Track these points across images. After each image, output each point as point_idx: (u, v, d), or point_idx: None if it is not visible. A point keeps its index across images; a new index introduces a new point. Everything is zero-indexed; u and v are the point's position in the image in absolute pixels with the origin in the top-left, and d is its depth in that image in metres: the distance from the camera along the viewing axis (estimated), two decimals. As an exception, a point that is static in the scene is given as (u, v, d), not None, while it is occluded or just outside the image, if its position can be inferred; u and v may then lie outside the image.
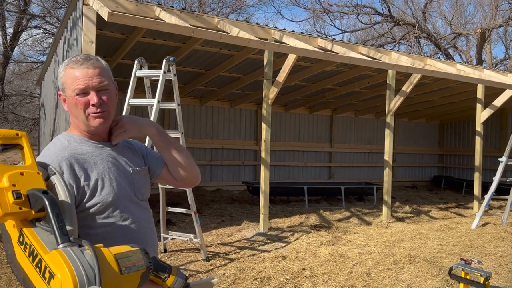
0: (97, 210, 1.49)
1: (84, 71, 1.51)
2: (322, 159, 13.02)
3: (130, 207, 1.59)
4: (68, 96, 1.52)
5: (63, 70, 1.54)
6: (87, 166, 1.50)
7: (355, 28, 20.96)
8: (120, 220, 1.54)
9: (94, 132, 1.57)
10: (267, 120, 6.65)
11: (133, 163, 1.68)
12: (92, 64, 1.53)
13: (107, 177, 1.53)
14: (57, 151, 1.49)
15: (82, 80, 1.50)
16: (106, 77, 1.56)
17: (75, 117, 1.54)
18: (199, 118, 10.98)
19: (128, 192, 1.59)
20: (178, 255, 5.56)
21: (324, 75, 9.36)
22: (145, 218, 1.65)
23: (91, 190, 1.48)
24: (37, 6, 16.20)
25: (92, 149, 1.56)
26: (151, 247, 1.65)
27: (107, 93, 1.55)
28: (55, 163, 1.43)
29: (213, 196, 10.06)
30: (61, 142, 1.54)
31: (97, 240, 1.48)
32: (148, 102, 4.78)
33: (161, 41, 7.10)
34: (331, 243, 6.05)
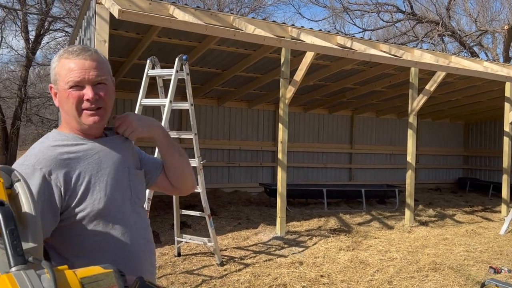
0: (87, 216, 1.33)
1: (80, 63, 1.35)
2: (342, 161, 12.72)
3: (125, 214, 1.42)
4: (60, 88, 1.37)
5: (57, 60, 1.39)
6: (77, 167, 1.34)
7: (376, 26, 20.55)
8: (112, 229, 1.37)
9: (87, 131, 1.41)
10: (284, 120, 6.45)
11: (132, 164, 1.51)
12: (90, 55, 1.37)
13: (100, 180, 1.37)
14: (43, 150, 1.33)
15: (77, 72, 1.34)
16: (104, 71, 1.40)
17: (66, 113, 1.38)
18: (217, 119, 10.85)
19: (123, 197, 1.42)
20: (192, 259, 5.41)
21: (344, 74, 9.10)
22: (141, 227, 1.48)
23: (81, 194, 1.32)
24: (58, 8, 16.39)
25: (85, 148, 1.39)
26: (145, 259, 1.48)
27: (105, 89, 1.39)
28: (39, 164, 1.28)
29: (231, 198, 9.91)
30: (48, 141, 1.37)
31: (86, 250, 1.32)
32: (160, 102, 4.64)
33: (177, 41, 6.98)
34: (351, 248, 5.81)
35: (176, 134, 5.11)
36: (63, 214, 1.30)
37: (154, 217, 7.66)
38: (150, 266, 1.52)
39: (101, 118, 1.40)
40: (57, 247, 1.33)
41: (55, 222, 1.29)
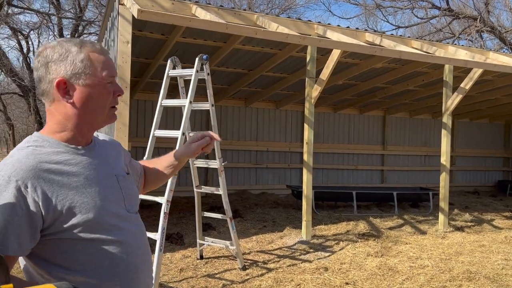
0: (76, 229, 1.21)
1: (108, 58, 1.32)
2: (374, 162, 12.36)
3: (118, 224, 1.30)
4: (90, 83, 1.25)
5: (80, 53, 1.25)
6: (61, 178, 1.21)
7: (410, 23, 19.91)
8: (105, 241, 1.26)
9: (96, 128, 1.35)
10: (310, 120, 6.26)
11: (118, 170, 1.41)
12: (108, 52, 1.35)
13: (88, 190, 1.25)
14: (21, 159, 1.19)
15: (112, 69, 1.30)
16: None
17: (93, 110, 1.28)
18: (244, 120, 10.75)
19: (114, 206, 1.31)
20: (214, 262, 5.32)
21: (374, 72, 8.80)
22: (136, 236, 1.37)
23: (67, 209, 1.19)
24: (92, 12, 16.79)
25: (70, 156, 1.27)
26: (143, 271, 1.37)
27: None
28: (16, 175, 1.15)
29: (258, 199, 9.78)
30: (30, 147, 1.24)
31: (77, 265, 1.22)
32: (180, 102, 4.57)
33: (202, 41, 6.92)
34: (379, 254, 5.55)
35: (197, 135, 5.02)
36: (49, 228, 1.19)
37: (180, 219, 7.63)
38: (147, 278, 1.41)
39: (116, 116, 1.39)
40: (53, 261, 1.23)
41: (35, 239, 1.18)
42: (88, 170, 1.28)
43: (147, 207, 7.71)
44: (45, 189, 1.17)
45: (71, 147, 1.29)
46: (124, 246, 1.30)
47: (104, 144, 1.45)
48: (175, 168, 1.71)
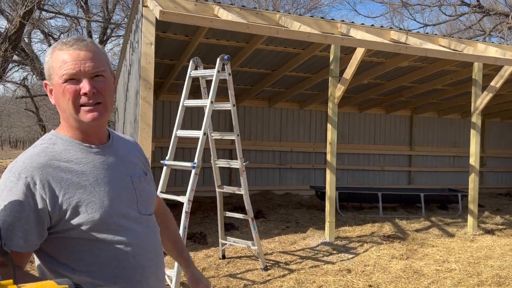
0: (82, 229, 1.21)
1: (75, 53, 1.23)
2: (400, 163, 12.11)
3: (127, 225, 1.28)
4: (55, 84, 1.25)
5: (50, 53, 1.26)
6: (70, 176, 1.21)
7: (438, 21, 19.43)
8: (111, 242, 1.25)
9: (87, 130, 1.28)
10: (333, 120, 6.19)
11: (134, 171, 1.39)
12: (86, 45, 1.25)
13: (97, 190, 1.24)
14: (32, 156, 1.21)
15: (72, 63, 1.22)
16: (102, 62, 1.27)
17: (63, 111, 1.26)
18: (268, 120, 10.73)
19: (124, 207, 1.29)
20: (236, 262, 5.32)
21: (401, 71, 8.62)
22: (147, 238, 1.34)
23: (73, 207, 1.19)
24: (118, 15, 17.13)
25: (82, 154, 1.27)
26: (152, 274, 1.34)
27: (103, 82, 1.26)
28: (25, 172, 1.17)
29: (281, 200, 9.74)
30: (43, 145, 1.26)
31: (83, 266, 1.21)
32: (202, 103, 4.59)
33: (224, 42, 6.94)
34: (405, 257, 5.43)
35: (219, 135, 5.04)
36: (56, 226, 1.20)
37: (203, 218, 7.68)
38: (157, 282, 1.38)
39: (101, 114, 1.27)
40: (60, 259, 1.24)
41: (42, 236, 1.19)
42: (99, 170, 1.28)
43: (172, 206, 7.72)
44: (53, 187, 1.18)
45: (84, 146, 1.29)
46: (132, 248, 1.28)
47: (124, 144, 1.44)
48: (172, 253, 1.68)
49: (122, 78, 9.38)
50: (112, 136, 1.40)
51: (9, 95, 18.31)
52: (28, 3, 7.94)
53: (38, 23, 12.77)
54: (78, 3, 15.77)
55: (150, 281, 1.34)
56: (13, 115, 28.51)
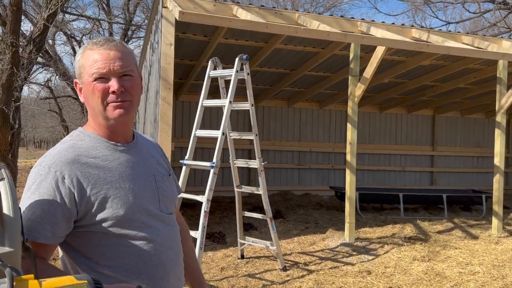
0: (106, 224, 1.24)
1: (105, 53, 1.27)
2: (422, 164, 11.91)
3: (149, 223, 1.31)
4: (85, 82, 1.29)
5: (81, 53, 1.31)
6: (97, 172, 1.26)
7: (461, 18, 19.03)
8: (134, 238, 1.28)
9: (114, 126, 1.32)
10: (353, 120, 6.12)
11: (157, 170, 1.42)
12: (115, 45, 1.29)
13: (122, 186, 1.28)
14: (61, 152, 1.26)
15: (102, 63, 1.26)
16: (130, 62, 1.30)
17: (92, 109, 1.30)
18: (287, 120, 10.69)
19: (147, 204, 1.32)
20: (255, 262, 5.31)
21: (422, 70, 8.48)
22: (168, 236, 1.37)
23: (99, 201, 1.23)
24: (139, 17, 17.35)
25: (109, 152, 1.31)
26: (172, 271, 1.37)
27: (131, 81, 1.30)
28: (55, 166, 1.21)
29: (301, 200, 9.69)
30: (71, 141, 1.31)
31: (106, 260, 1.25)
32: (220, 103, 4.61)
33: (243, 42, 6.95)
34: (426, 259, 5.33)
35: (238, 135, 5.05)
36: (82, 220, 1.24)
37: (222, 218, 7.70)
38: (177, 280, 1.40)
39: (127, 111, 1.30)
40: (84, 253, 1.28)
41: (68, 228, 1.23)
42: (125, 167, 1.31)
43: (191, 206, 7.84)
44: (81, 181, 1.22)
45: (111, 143, 1.33)
46: (154, 245, 1.31)
47: (147, 144, 1.48)
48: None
49: (142, 79, 9.48)
50: (137, 136, 1.44)
51: (34, 96, 18.76)
52: (52, 6, 8.11)
53: (62, 25, 13.04)
54: (100, 5, 16.05)
55: (170, 279, 1.36)
56: (37, 116, 29.18)
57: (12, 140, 7.89)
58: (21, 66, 7.58)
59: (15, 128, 7.95)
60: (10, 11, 6.45)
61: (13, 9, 6.26)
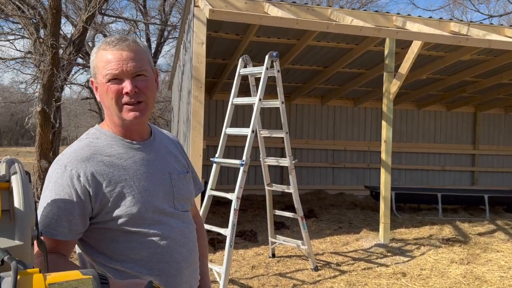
0: (120, 222, 1.25)
1: (118, 54, 1.26)
2: (463, 163, 11.46)
3: (162, 220, 1.31)
4: (99, 82, 1.29)
5: (95, 53, 1.31)
6: (111, 170, 1.27)
7: (505, 11, 18.16)
8: (147, 235, 1.28)
9: (129, 126, 1.32)
10: (388, 117, 5.95)
11: (174, 168, 1.41)
12: (128, 45, 1.28)
13: (136, 185, 1.28)
14: (77, 150, 1.28)
15: (115, 63, 1.26)
16: (143, 62, 1.30)
17: (107, 108, 1.31)
18: (320, 119, 10.55)
19: (160, 202, 1.32)
20: (286, 261, 5.27)
21: (463, 65, 8.14)
22: (182, 233, 1.36)
23: (113, 199, 1.25)
24: (175, 17, 17.62)
25: (124, 150, 1.32)
26: (186, 269, 1.36)
27: (145, 81, 1.29)
28: (71, 165, 1.23)
29: (334, 200, 9.54)
30: (87, 140, 1.33)
31: (119, 256, 1.26)
32: (250, 100, 4.58)
33: (275, 39, 6.91)
34: (465, 262, 5.11)
35: (268, 133, 5.01)
36: (96, 217, 1.26)
37: (255, 216, 7.69)
38: (190, 278, 1.39)
39: (142, 113, 1.30)
40: (99, 249, 1.30)
41: (85, 225, 1.25)
42: (139, 165, 1.31)
43: (224, 204, 7.88)
44: (96, 179, 1.24)
45: (126, 142, 1.33)
46: (166, 242, 1.30)
47: (166, 141, 1.47)
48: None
49: (176, 78, 9.63)
50: (154, 133, 1.43)
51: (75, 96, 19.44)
52: (90, 8, 8.36)
53: (100, 28, 13.44)
54: (137, 7, 16.41)
55: (183, 276, 1.35)
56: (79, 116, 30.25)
57: (53, 139, 8.21)
58: (61, 67, 7.86)
59: (56, 127, 8.26)
60: (50, 14, 6.70)
61: (53, 12, 6.49)
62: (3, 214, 0.92)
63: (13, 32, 12.18)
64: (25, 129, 29.62)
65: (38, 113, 7.01)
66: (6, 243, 0.88)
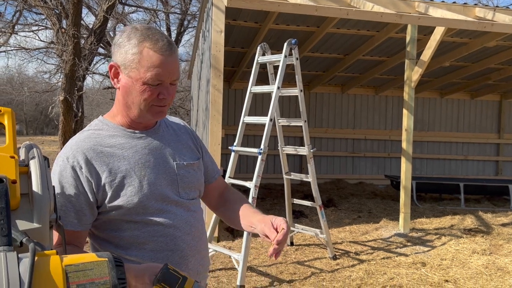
0: (122, 212, 1.27)
1: (166, 62, 1.24)
2: (487, 152, 11.20)
3: (165, 209, 1.31)
4: (133, 77, 1.25)
5: (137, 46, 1.24)
6: (112, 161, 1.28)
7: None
8: (151, 224, 1.29)
9: (144, 121, 1.34)
10: (409, 105, 5.85)
11: (180, 156, 1.40)
12: (174, 52, 1.27)
13: (137, 174, 1.29)
14: (78, 142, 1.29)
15: (163, 71, 1.24)
16: (179, 71, 1.31)
17: (131, 102, 1.29)
18: (340, 107, 10.44)
19: (163, 191, 1.32)
20: (304, 249, 5.28)
21: (487, 52, 7.91)
22: (187, 222, 1.35)
23: (114, 190, 1.26)
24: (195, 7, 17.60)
25: (125, 140, 1.32)
26: (191, 257, 1.36)
27: (174, 88, 1.31)
28: (72, 157, 1.25)
29: (354, 189, 9.48)
30: (89, 131, 1.34)
31: (124, 244, 1.28)
32: (269, 88, 4.56)
33: (294, 27, 6.84)
34: (488, 252, 5.02)
35: (286, 122, 4.99)
36: (100, 207, 1.28)
37: (273, 205, 7.72)
38: (198, 265, 1.39)
39: (164, 114, 1.35)
40: (105, 238, 1.33)
41: (93, 215, 1.28)
42: (141, 154, 1.31)
43: (242, 192, 7.90)
44: (97, 170, 1.25)
45: (128, 131, 1.34)
46: (170, 230, 1.31)
47: (173, 128, 1.46)
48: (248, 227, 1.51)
49: (195, 67, 9.65)
50: (159, 122, 1.43)
51: (97, 86, 19.72)
52: (111, -2, 8.43)
53: (121, 17, 13.54)
54: (157, -4, 16.45)
55: (190, 264, 1.35)
56: (101, 105, 30.71)
57: (76, 127, 8.37)
58: (83, 56, 7.98)
59: (78, 116, 8.42)
60: (71, 4, 6.78)
61: (74, 2, 6.57)
62: (22, 198, 0.94)
63: (37, 23, 12.39)
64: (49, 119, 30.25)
65: (61, 102, 7.15)
66: (25, 225, 0.90)
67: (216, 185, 1.58)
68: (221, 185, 1.60)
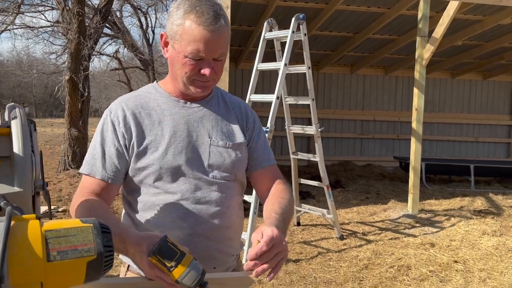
0: (143, 175, 1.26)
1: (209, 37, 1.17)
2: (498, 134, 11.01)
3: (184, 181, 1.26)
4: (176, 49, 1.22)
5: (182, 17, 1.19)
6: (147, 124, 1.27)
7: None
8: (164, 191, 1.26)
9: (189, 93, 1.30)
10: (421, 84, 5.71)
11: (218, 134, 1.32)
12: (220, 27, 1.18)
13: (165, 141, 1.26)
14: (125, 99, 1.33)
15: (204, 46, 1.18)
16: (227, 46, 1.24)
17: (176, 74, 1.27)
18: (349, 88, 10.27)
19: (191, 165, 1.26)
20: (311, 229, 5.24)
21: (502, 30, 7.68)
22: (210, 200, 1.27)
23: (140, 151, 1.25)
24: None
25: (167, 106, 1.31)
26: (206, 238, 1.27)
27: (220, 64, 1.25)
28: (115, 112, 1.29)
29: (362, 171, 9.39)
30: (139, 92, 1.36)
31: (139, 208, 1.27)
32: (276, 65, 4.44)
33: (303, 4, 6.67)
34: (498, 234, 4.93)
35: (294, 100, 4.89)
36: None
37: (281, 186, 7.65)
38: (213, 249, 1.28)
39: (208, 89, 1.31)
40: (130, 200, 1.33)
41: (125, 169, 1.28)
42: (177, 124, 1.29)
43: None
44: (131, 128, 1.27)
45: (173, 99, 1.33)
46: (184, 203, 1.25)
47: (227, 106, 1.39)
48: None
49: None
50: (213, 95, 1.38)
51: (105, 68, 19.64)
52: (116, -24, 8.26)
53: (128, -3, 13.36)
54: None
55: (200, 244, 1.26)
56: (109, 87, 30.67)
57: (82, 107, 8.32)
58: (88, 35, 7.88)
59: (85, 96, 8.36)
60: (75, -18, 6.65)
61: (78, -21, 6.44)
62: (4, 161, 0.87)
63: (43, 3, 12.27)
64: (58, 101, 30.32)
65: (67, 81, 7.09)
66: (4, 189, 0.84)
67: (264, 174, 1.42)
68: (271, 176, 1.43)
